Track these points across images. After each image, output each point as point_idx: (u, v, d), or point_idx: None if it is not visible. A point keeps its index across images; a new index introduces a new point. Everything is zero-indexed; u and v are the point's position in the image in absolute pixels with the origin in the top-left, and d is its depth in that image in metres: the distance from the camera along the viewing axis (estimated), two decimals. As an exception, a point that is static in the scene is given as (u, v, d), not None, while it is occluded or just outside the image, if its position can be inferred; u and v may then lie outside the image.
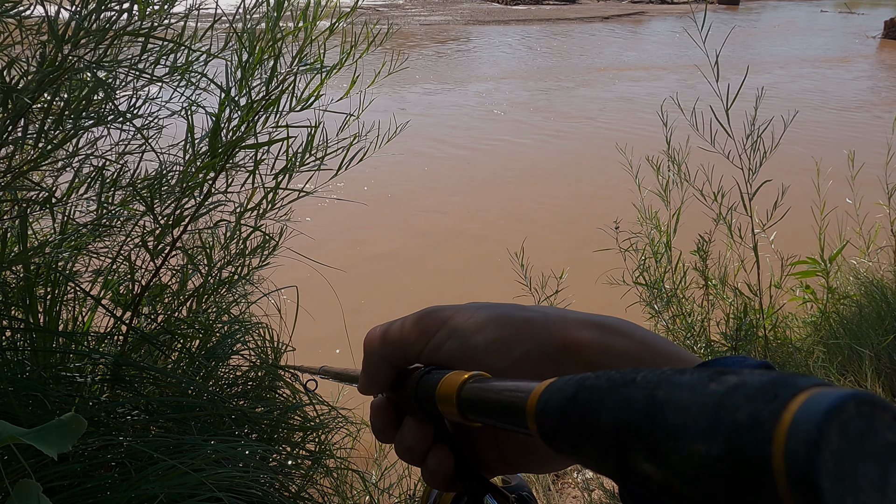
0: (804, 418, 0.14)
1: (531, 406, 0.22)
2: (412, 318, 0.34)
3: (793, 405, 0.15)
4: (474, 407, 0.27)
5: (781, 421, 0.15)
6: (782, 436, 0.14)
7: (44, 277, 1.29)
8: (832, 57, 11.54)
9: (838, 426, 0.14)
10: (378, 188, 4.93)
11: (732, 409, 0.16)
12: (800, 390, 0.15)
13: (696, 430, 0.16)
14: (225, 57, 1.02)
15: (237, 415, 1.45)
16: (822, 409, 0.14)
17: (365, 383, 0.35)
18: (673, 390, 0.17)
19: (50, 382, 1.21)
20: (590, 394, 0.20)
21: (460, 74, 9.74)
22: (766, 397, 0.15)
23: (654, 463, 0.17)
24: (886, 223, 2.86)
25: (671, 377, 0.18)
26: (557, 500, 1.67)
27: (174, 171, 1.17)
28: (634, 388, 0.19)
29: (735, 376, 0.17)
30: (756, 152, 2.05)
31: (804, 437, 0.14)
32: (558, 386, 0.22)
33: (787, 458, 0.14)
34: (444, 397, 0.29)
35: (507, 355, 0.31)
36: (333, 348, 2.62)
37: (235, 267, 1.37)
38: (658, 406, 0.17)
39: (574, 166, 5.59)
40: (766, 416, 0.15)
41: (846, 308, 2.39)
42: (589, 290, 2.43)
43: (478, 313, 0.33)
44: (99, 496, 1.07)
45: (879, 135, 3.12)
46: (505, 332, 0.32)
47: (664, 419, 0.17)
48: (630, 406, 0.18)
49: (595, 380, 0.20)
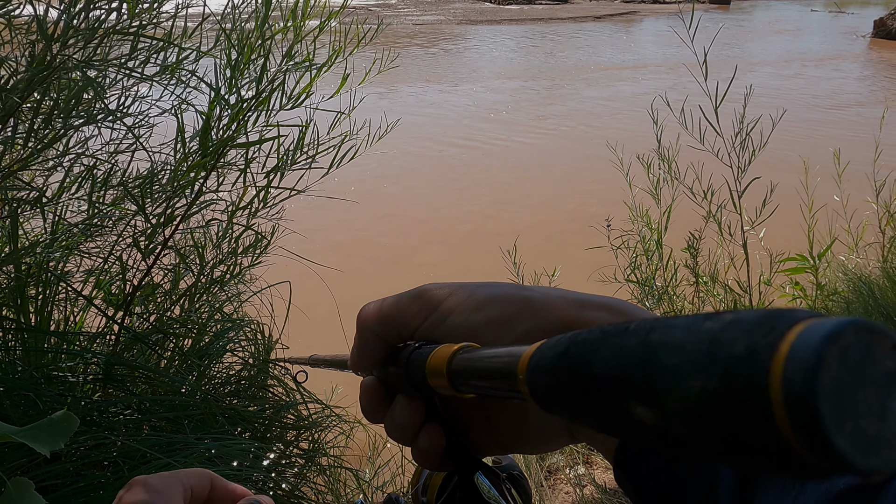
0: (802, 346, 0.14)
1: (522, 367, 0.22)
2: (409, 295, 0.33)
3: (790, 335, 0.14)
4: (465, 377, 0.26)
5: (779, 351, 0.14)
6: (780, 365, 0.14)
7: (35, 278, 1.28)
8: (822, 56, 11.62)
9: (837, 352, 0.14)
10: (370, 187, 4.93)
11: (728, 344, 0.15)
12: (797, 321, 0.15)
13: (690, 367, 0.16)
14: (214, 55, 1.02)
15: (230, 413, 1.45)
16: (819, 335, 0.14)
17: (357, 360, 0.34)
18: (667, 332, 0.17)
19: (42, 382, 1.21)
20: (582, 347, 0.20)
21: (453, 74, 9.75)
22: (763, 329, 0.15)
23: (648, 405, 0.17)
24: (874, 220, 2.89)
25: (665, 321, 0.18)
26: (550, 495, 1.68)
27: (165, 171, 1.17)
28: (628, 336, 0.18)
29: (731, 314, 0.16)
30: (745, 150, 2.07)
31: (802, 363, 0.14)
32: (550, 344, 0.21)
33: (785, 385, 0.14)
34: (434, 370, 0.28)
35: (507, 334, 0.30)
36: (325, 345, 2.62)
37: (228, 266, 1.37)
38: (651, 349, 0.17)
39: (566, 165, 5.61)
40: (762, 347, 0.15)
41: (835, 304, 2.42)
42: (581, 288, 2.44)
43: (477, 291, 0.32)
44: (91, 495, 1.07)
45: (868, 133, 3.15)
46: (505, 310, 0.31)
47: (658, 361, 0.17)
48: (623, 353, 0.18)
49: (587, 334, 0.20)
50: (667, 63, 10.42)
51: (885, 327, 0.15)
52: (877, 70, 10.53)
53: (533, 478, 1.72)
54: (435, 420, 0.32)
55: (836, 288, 2.54)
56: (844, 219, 2.83)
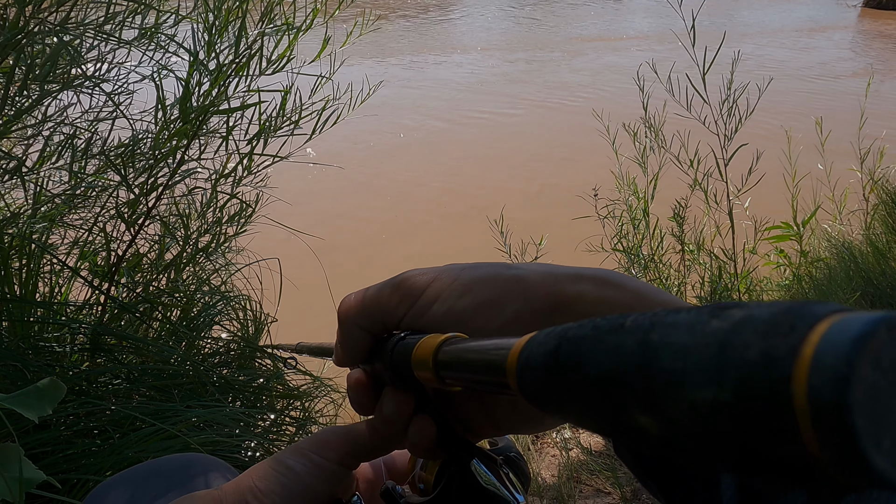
0: (829, 350, 0.12)
1: (511, 364, 0.21)
2: (391, 283, 0.32)
3: (813, 336, 0.13)
4: (451, 370, 0.25)
5: (801, 355, 0.12)
6: (804, 372, 0.12)
7: (18, 250, 1.27)
8: (812, 26, 11.56)
9: (870, 356, 0.12)
10: (358, 159, 4.89)
11: (741, 348, 0.14)
12: (819, 318, 0.13)
13: (698, 375, 0.14)
14: (193, 18, 1.00)
15: (220, 383, 1.46)
16: (849, 337, 0.12)
17: (341, 355, 0.33)
18: (668, 332, 0.15)
19: (29, 352, 1.21)
20: (574, 345, 0.18)
21: (443, 45, 9.62)
22: (781, 330, 0.13)
23: (651, 416, 0.15)
24: (858, 188, 2.92)
25: (664, 318, 0.16)
26: (537, 459, 1.72)
27: (146, 139, 1.16)
28: (624, 335, 0.17)
29: (740, 310, 0.15)
30: (732, 118, 2.07)
31: (831, 371, 0.12)
32: (539, 340, 0.20)
33: (812, 397, 0.12)
34: (420, 362, 0.27)
35: (496, 316, 0.29)
36: (313, 316, 2.64)
37: (213, 235, 1.36)
38: (652, 351, 0.15)
39: (554, 135, 5.59)
40: (782, 352, 0.13)
41: (818, 271, 2.45)
42: (568, 257, 2.47)
43: (462, 274, 0.31)
44: (82, 462, 1.08)
45: (854, 102, 3.17)
46: (493, 292, 0.30)
47: (660, 365, 0.15)
48: (620, 354, 0.16)
49: (578, 329, 0.18)
50: (657, 34, 10.33)
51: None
52: (865, 40, 10.50)
53: (521, 442, 1.75)
54: (426, 409, 0.31)
55: (820, 255, 2.58)
56: (829, 187, 2.86)
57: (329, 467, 0.32)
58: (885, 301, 2.20)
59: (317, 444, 0.32)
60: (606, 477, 1.61)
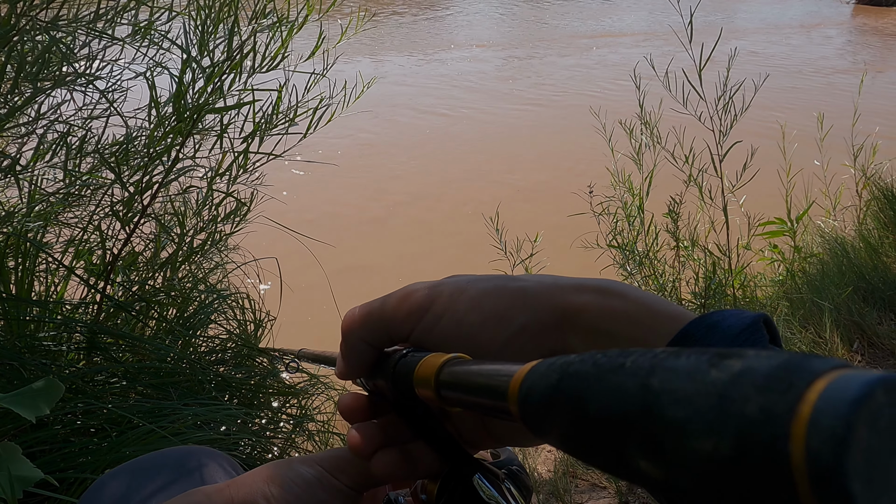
0: (827, 410, 0.12)
1: (513, 392, 0.21)
2: (396, 297, 0.32)
3: (810, 394, 0.13)
4: (453, 390, 0.26)
5: (799, 414, 0.13)
6: (801, 431, 0.12)
7: (14, 248, 1.27)
8: (807, 23, 11.59)
9: (867, 418, 0.12)
10: (353, 156, 4.89)
11: (740, 402, 0.14)
12: (817, 376, 0.13)
13: (699, 426, 0.14)
14: (186, 14, 1.00)
15: (217, 381, 1.46)
16: (846, 398, 0.12)
17: (343, 368, 0.33)
18: (669, 378, 0.16)
19: (25, 351, 1.21)
20: (576, 381, 0.18)
21: (437, 42, 9.60)
22: (779, 386, 0.13)
23: (653, 461, 0.16)
24: (851, 184, 2.94)
25: (664, 362, 0.16)
26: (533, 454, 1.73)
27: (141, 137, 1.16)
28: (625, 375, 0.17)
29: (738, 360, 0.15)
30: (727, 114, 2.08)
31: (829, 433, 0.12)
32: (541, 371, 0.20)
33: (810, 458, 0.12)
34: (422, 380, 0.27)
35: (504, 329, 0.30)
36: (312, 314, 2.63)
37: (209, 233, 1.36)
38: (653, 397, 0.16)
39: (550, 132, 5.60)
40: (780, 409, 0.13)
41: (811, 266, 2.47)
42: (563, 254, 2.47)
43: (469, 288, 0.31)
44: (79, 460, 1.08)
45: (847, 99, 3.18)
46: (500, 305, 0.30)
47: (661, 412, 0.15)
48: (621, 396, 0.17)
49: (580, 364, 0.19)
50: (652, 31, 10.34)
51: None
52: (859, 36, 10.54)
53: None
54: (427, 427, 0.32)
55: (813, 250, 2.59)
56: (823, 183, 2.88)
57: (342, 489, 0.32)
58: (877, 295, 2.21)
59: (332, 465, 0.32)
60: (601, 472, 1.62)
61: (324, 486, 0.32)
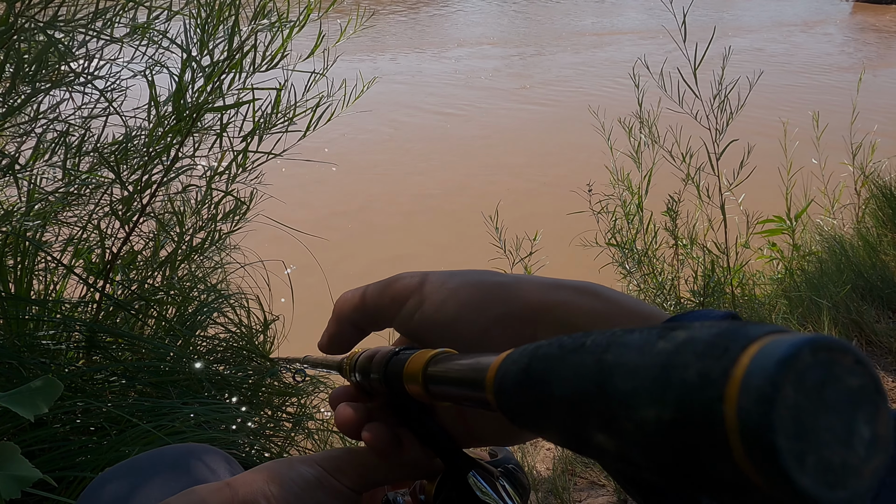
0: (756, 372, 0.13)
1: (489, 381, 0.21)
2: (383, 284, 0.34)
3: (744, 358, 0.13)
4: (439, 384, 0.26)
5: (733, 377, 0.13)
6: (734, 393, 0.13)
7: (13, 247, 1.27)
8: (806, 21, 11.59)
9: (793, 377, 0.13)
10: (352, 154, 4.89)
11: (681, 369, 0.14)
12: (751, 341, 0.14)
13: (645, 395, 0.15)
14: (185, 14, 1.00)
15: (216, 380, 1.46)
16: (774, 360, 0.13)
17: (326, 342, 0.36)
18: (622, 352, 0.16)
19: (24, 350, 1.21)
20: (542, 363, 0.19)
21: (436, 40, 9.59)
22: (716, 352, 0.14)
23: (608, 434, 0.16)
24: (850, 182, 2.94)
25: (620, 338, 0.17)
26: (532, 452, 1.74)
27: (140, 136, 1.16)
28: (584, 354, 0.17)
29: (684, 331, 0.15)
30: (723, 113, 2.08)
31: (757, 392, 0.13)
32: (514, 358, 0.20)
33: (741, 417, 0.13)
34: (410, 376, 0.28)
35: (478, 320, 0.31)
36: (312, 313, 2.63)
37: (208, 232, 1.36)
38: (607, 372, 0.16)
39: (549, 131, 5.59)
40: (716, 374, 0.14)
41: (810, 264, 2.47)
42: (562, 252, 2.47)
43: (450, 279, 0.32)
44: (78, 459, 1.08)
45: (846, 97, 3.19)
46: (476, 296, 0.31)
47: (614, 386, 0.16)
48: (580, 374, 0.17)
49: (547, 347, 0.19)
50: (650, 30, 10.33)
51: (846, 343, 0.14)
52: (857, 34, 10.54)
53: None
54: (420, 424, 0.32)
55: (812, 248, 2.60)
56: (822, 181, 2.88)
57: (342, 490, 0.33)
58: (875, 293, 2.22)
59: (332, 466, 0.33)
60: (600, 469, 1.62)
61: (324, 487, 0.32)
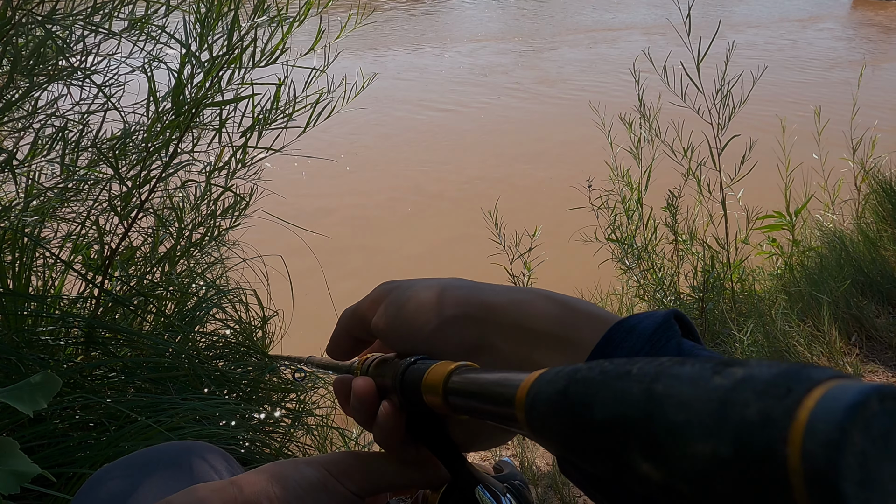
0: (823, 416, 0.13)
1: (520, 398, 0.22)
2: (371, 297, 0.37)
3: (808, 401, 0.13)
4: (460, 397, 0.26)
5: (797, 419, 0.13)
6: (798, 435, 0.13)
7: (11, 243, 1.27)
8: (806, 17, 11.57)
9: (861, 424, 0.13)
10: (354, 151, 4.88)
11: (740, 406, 0.14)
12: (815, 384, 0.14)
13: (699, 428, 0.15)
14: (184, 9, 0.99)
15: (216, 375, 1.46)
16: (842, 405, 0.13)
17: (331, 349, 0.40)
18: (672, 384, 0.16)
19: (23, 346, 1.21)
20: (582, 387, 0.19)
21: (436, 37, 9.57)
22: (778, 392, 0.14)
23: (653, 462, 0.16)
24: (850, 177, 2.94)
25: (669, 369, 0.17)
26: (532, 447, 1.74)
27: (138, 131, 1.15)
28: (630, 381, 0.18)
29: (741, 368, 0.15)
30: (725, 108, 2.08)
31: (824, 437, 0.13)
32: (548, 378, 0.21)
33: (805, 460, 0.13)
34: (430, 387, 0.28)
35: (433, 318, 0.33)
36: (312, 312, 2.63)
37: (207, 228, 1.36)
38: (657, 401, 0.16)
39: (548, 126, 5.58)
40: (778, 414, 0.14)
41: (810, 260, 2.47)
42: (562, 248, 2.47)
43: (416, 284, 0.35)
44: (78, 455, 1.08)
45: (846, 92, 3.18)
46: (434, 299, 0.33)
47: (663, 415, 0.16)
48: (625, 401, 0.17)
49: (587, 371, 0.19)
50: (650, 25, 10.31)
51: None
52: (857, 30, 10.52)
53: (518, 437, 1.76)
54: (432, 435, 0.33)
55: (812, 244, 2.59)
56: (822, 177, 2.87)
57: (346, 495, 0.33)
58: (875, 289, 2.21)
59: (338, 470, 0.33)
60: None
61: (327, 490, 0.32)
